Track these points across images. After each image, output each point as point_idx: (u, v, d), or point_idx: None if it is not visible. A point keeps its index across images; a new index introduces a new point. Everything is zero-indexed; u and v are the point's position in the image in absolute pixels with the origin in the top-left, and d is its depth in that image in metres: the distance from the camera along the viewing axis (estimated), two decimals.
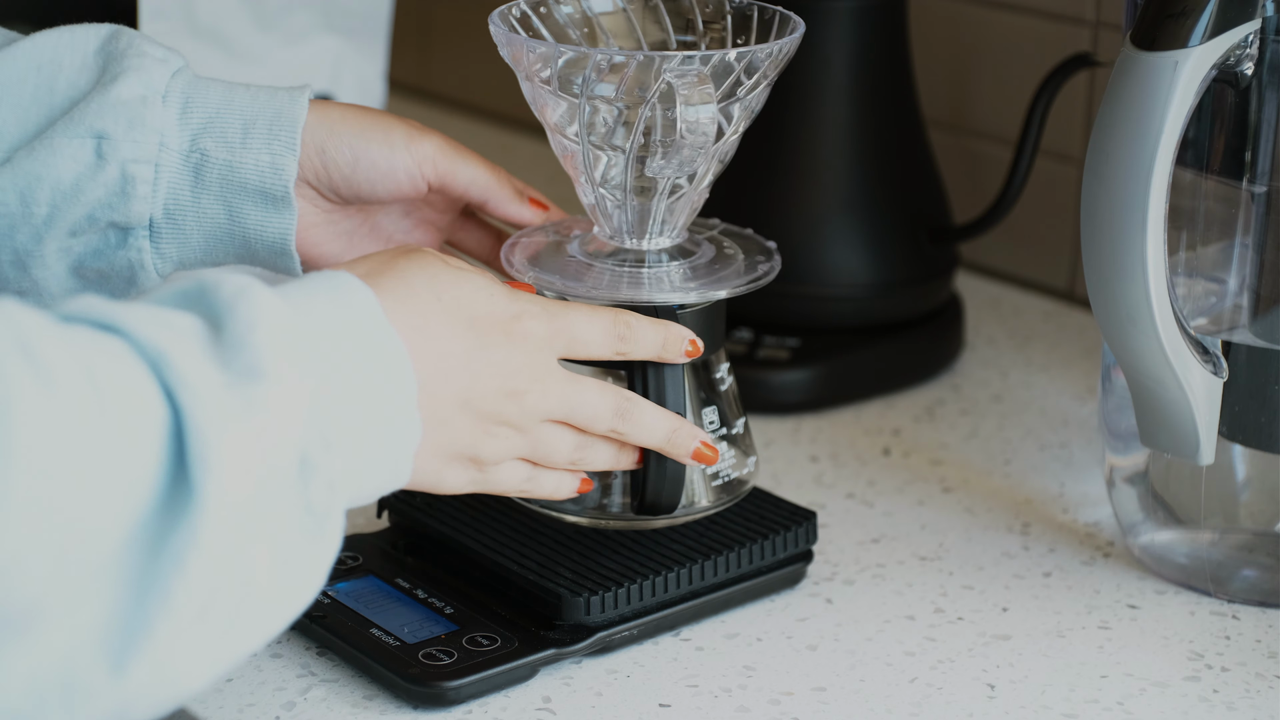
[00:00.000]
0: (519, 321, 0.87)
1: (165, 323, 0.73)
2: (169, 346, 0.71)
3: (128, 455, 0.69)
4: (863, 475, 1.18)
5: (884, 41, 1.29)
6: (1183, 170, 0.99)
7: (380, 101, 1.47)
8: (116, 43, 0.97)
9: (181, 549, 0.70)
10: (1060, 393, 1.29)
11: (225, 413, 0.71)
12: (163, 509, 0.70)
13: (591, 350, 0.91)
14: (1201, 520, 1.05)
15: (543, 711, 0.94)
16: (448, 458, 0.86)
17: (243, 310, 0.74)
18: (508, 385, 0.86)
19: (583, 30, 1.02)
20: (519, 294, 0.89)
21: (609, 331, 0.92)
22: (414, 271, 0.84)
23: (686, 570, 1.00)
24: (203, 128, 0.96)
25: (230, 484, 0.71)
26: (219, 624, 0.72)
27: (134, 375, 0.70)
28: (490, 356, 0.85)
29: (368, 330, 0.80)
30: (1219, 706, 0.95)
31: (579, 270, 0.98)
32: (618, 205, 0.99)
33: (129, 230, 0.96)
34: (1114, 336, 0.98)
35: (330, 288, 0.80)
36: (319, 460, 0.75)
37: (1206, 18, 0.93)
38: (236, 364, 0.73)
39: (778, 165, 1.28)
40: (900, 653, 0.99)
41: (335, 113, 0.98)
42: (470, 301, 0.85)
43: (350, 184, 0.99)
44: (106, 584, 0.69)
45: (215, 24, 1.42)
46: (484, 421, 0.86)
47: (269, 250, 0.98)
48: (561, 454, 0.91)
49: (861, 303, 1.29)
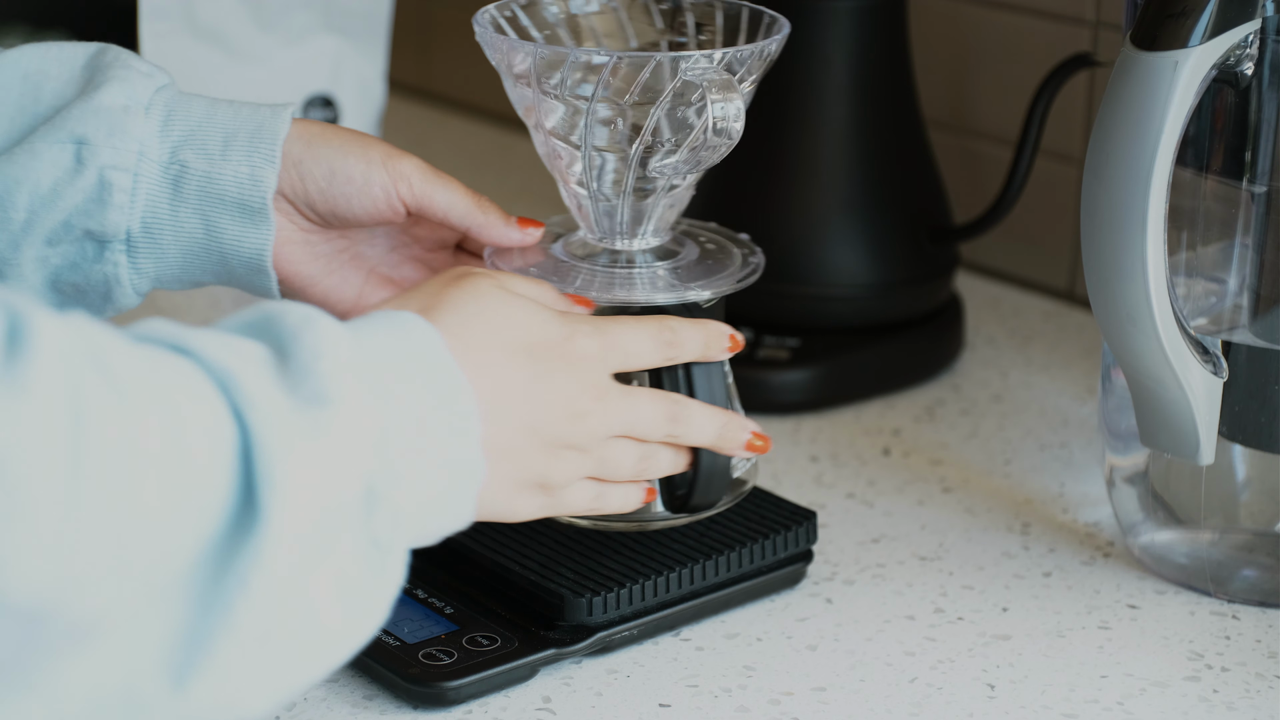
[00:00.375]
0: (572, 342, 0.87)
1: (233, 347, 0.73)
2: (237, 368, 0.72)
3: (198, 473, 0.69)
4: (863, 475, 1.18)
5: (884, 41, 1.29)
6: (1183, 170, 0.99)
7: (380, 101, 1.47)
8: (103, 57, 0.97)
9: (246, 569, 0.70)
10: (1060, 393, 1.29)
11: (292, 433, 0.72)
12: (231, 529, 0.70)
13: (643, 360, 0.91)
14: (1201, 520, 1.05)
15: (543, 711, 0.94)
16: (518, 487, 0.86)
17: (308, 339, 0.75)
18: (570, 408, 0.86)
19: (570, 30, 1.02)
20: (568, 315, 0.88)
21: (656, 338, 0.91)
22: (468, 302, 0.84)
23: (687, 570, 1.00)
24: (183, 140, 0.96)
25: (296, 505, 0.71)
26: (280, 650, 0.72)
27: (204, 394, 0.71)
28: (550, 382, 0.85)
29: (432, 368, 0.80)
30: (1219, 706, 0.95)
31: (564, 272, 0.98)
32: (608, 207, 0.99)
33: (106, 243, 0.96)
34: (1114, 336, 0.98)
35: (392, 324, 0.80)
36: (385, 492, 0.75)
37: (1206, 18, 0.93)
38: (303, 389, 0.73)
39: (778, 165, 1.28)
40: (900, 653, 0.99)
41: (315, 129, 0.98)
42: (525, 329, 0.85)
43: (326, 199, 0.98)
44: (173, 600, 0.69)
45: (215, 24, 1.42)
46: (550, 447, 0.86)
47: (246, 266, 0.98)
48: (626, 467, 0.91)
49: (861, 303, 1.29)
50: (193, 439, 0.69)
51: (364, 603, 0.75)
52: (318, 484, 0.72)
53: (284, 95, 1.44)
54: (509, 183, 1.63)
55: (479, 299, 0.84)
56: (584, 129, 0.96)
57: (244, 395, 0.71)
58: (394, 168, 0.98)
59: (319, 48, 1.45)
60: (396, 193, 0.98)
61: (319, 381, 0.74)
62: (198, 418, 0.70)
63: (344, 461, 0.73)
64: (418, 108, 1.84)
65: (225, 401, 0.71)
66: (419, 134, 1.78)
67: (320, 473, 0.72)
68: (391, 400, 0.77)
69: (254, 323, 0.77)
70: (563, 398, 0.86)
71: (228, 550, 0.70)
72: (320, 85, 1.45)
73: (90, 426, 0.66)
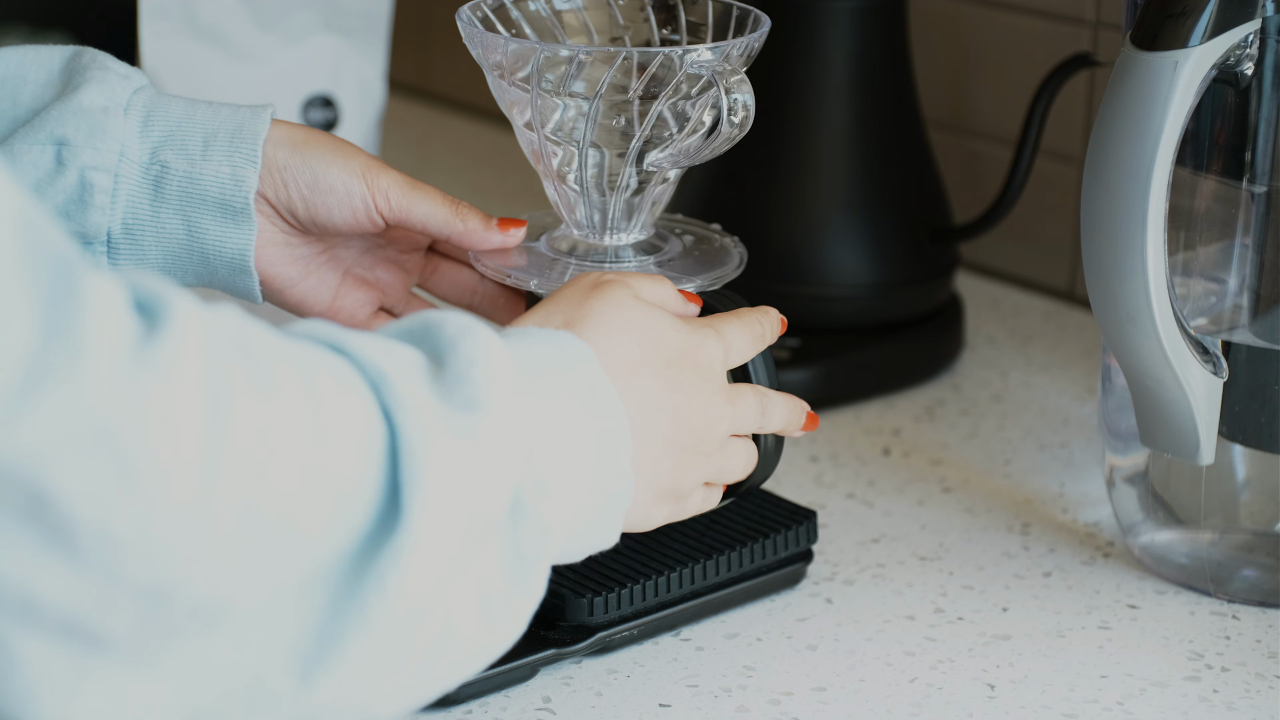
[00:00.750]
0: (702, 350, 0.88)
1: (388, 350, 0.74)
2: (390, 369, 0.72)
3: (343, 468, 0.69)
4: (863, 475, 1.18)
5: (884, 41, 1.29)
6: (1183, 170, 0.99)
7: (380, 101, 1.47)
8: (80, 59, 0.97)
9: (385, 569, 0.70)
10: (1060, 393, 1.29)
11: (440, 434, 0.71)
12: (374, 529, 0.70)
13: (745, 355, 0.92)
14: (1201, 520, 1.05)
15: (543, 711, 0.94)
16: (655, 499, 0.86)
17: (465, 347, 0.75)
18: (705, 416, 0.87)
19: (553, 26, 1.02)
20: (691, 320, 0.89)
21: (753, 331, 0.92)
22: (611, 315, 0.85)
23: (687, 570, 1.00)
24: (163, 141, 0.96)
25: (440, 508, 0.71)
26: (412, 653, 0.72)
27: (355, 392, 0.71)
28: (687, 393, 0.86)
29: (587, 385, 0.81)
30: (1219, 706, 0.95)
31: (549, 267, 0.99)
32: (600, 203, 0.99)
33: (86, 244, 0.96)
34: (1114, 336, 0.98)
35: (546, 339, 0.81)
36: (532, 504, 0.75)
37: (1206, 18, 0.93)
38: (456, 395, 0.73)
39: (778, 165, 1.28)
40: (900, 653, 0.99)
41: (299, 134, 0.98)
42: (663, 341, 0.86)
43: (308, 206, 0.98)
44: (308, 595, 0.69)
45: (215, 24, 1.42)
46: (685, 455, 0.87)
47: (228, 267, 0.98)
48: (740, 467, 0.92)
49: (861, 303, 1.29)
50: (338, 435, 0.69)
51: (502, 614, 0.75)
52: (464, 488, 0.72)
53: (284, 95, 1.44)
54: (509, 182, 1.63)
55: (621, 311, 0.85)
56: (575, 125, 0.96)
57: (395, 395, 0.71)
58: (373, 181, 0.98)
59: (319, 48, 1.45)
60: (375, 206, 0.98)
61: (472, 388, 0.74)
62: (345, 415, 0.70)
63: (492, 469, 0.73)
64: (418, 108, 1.84)
65: (376, 400, 0.71)
66: (419, 134, 1.78)
67: (467, 477, 0.72)
68: (545, 414, 0.77)
69: (413, 329, 0.77)
70: (697, 406, 0.87)
71: (369, 550, 0.70)
72: (320, 85, 1.45)
73: (229, 411, 0.65)
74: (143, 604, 0.65)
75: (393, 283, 1.04)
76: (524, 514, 0.75)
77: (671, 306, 0.90)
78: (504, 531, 0.74)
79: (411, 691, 0.73)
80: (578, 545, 0.82)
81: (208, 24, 1.42)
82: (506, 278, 0.98)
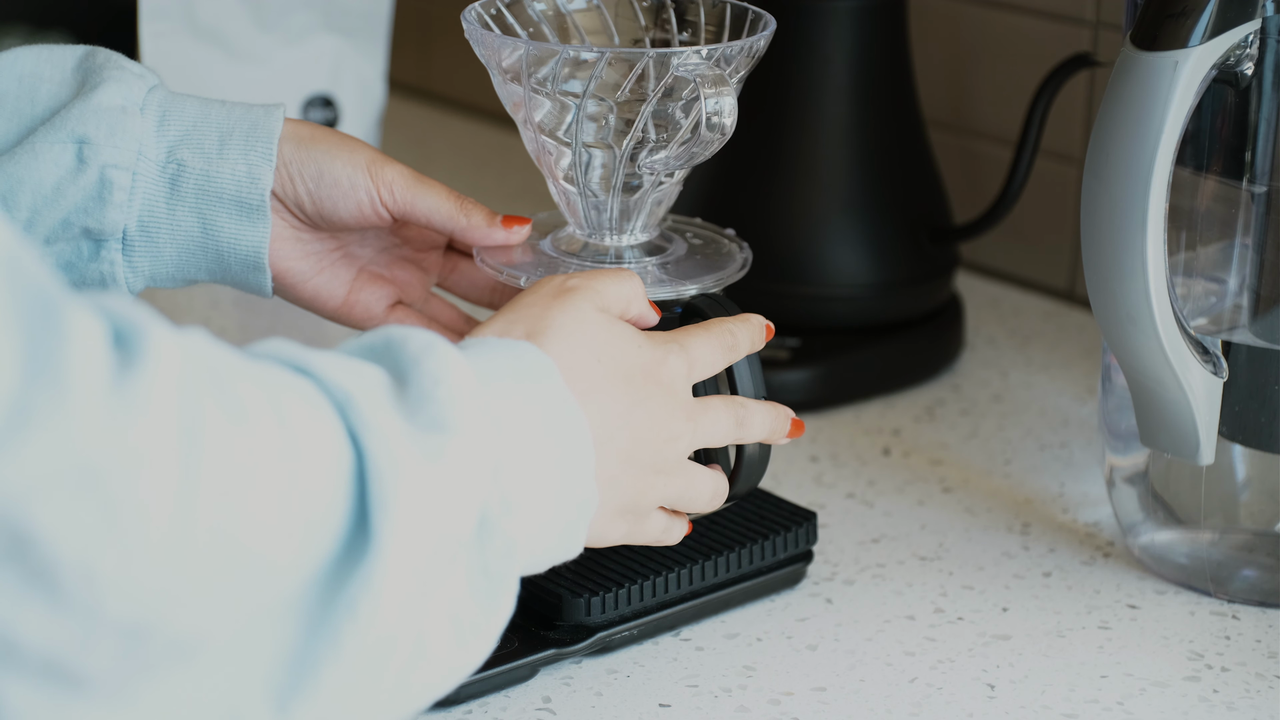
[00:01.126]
0: (664, 365, 0.87)
1: (352, 370, 0.73)
2: (355, 391, 0.72)
3: (311, 496, 0.69)
4: (863, 475, 1.18)
5: (884, 41, 1.29)
6: (1183, 170, 0.99)
7: (380, 101, 1.47)
8: (94, 59, 0.98)
9: (357, 596, 0.70)
10: (1060, 393, 1.29)
11: (408, 457, 0.71)
12: (343, 553, 0.70)
13: (713, 368, 0.91)
14: (1201, 520, 1.05)
15: (543, 711, 0.94)
16: (612, 516, 0.86)
17: (429, 365, 0.75)
18: (665, 433, 0.87)
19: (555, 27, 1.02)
20: (655, 337, 0.88)
21: (721, 344, 0.91)
22: (572, 328, 0.84)
23: (686, 570, 1.00)
24: (179, 139, 0.97)
25: (409, 531, 0.71)
26: (385, 677, 0.72)
27: (322, 415, 0.70)
28: (647, 408, 0.86)
29: (549, 399, 0.80)
30: (1219, 706, 0.95)
31: (554, 267, 0.99)
32: (596, 203, 0.99)
33: (102, 242, 0.96)
34: (1114, 336, 0.98)
35: (508, 352, 0.81)
36: (499, 522, 0.75)
37: (1206, 18, 0.93)
38: (421, 416, 0.73)
39: (778, 165, 1.28)
40: (900, 653, 0.99)
41: (305, 130, 0.99)
42: (623, 356, 0.86)
43: (314, 200, 0.98)
44: (281, 623, 0.69)
45: (215, 24, 1.42)
46: (644, 473, 0.86)
47: (242, 264, 0.98)
48: (704, 495, 0.91)
49: (861, 303, 1.29)
50: (308, 461, 0.69)
51: (473, 632, 0.75)
52: (432, 511, 0.72)
53: (284, 95, 1.44)
54: (509, 183, 1.63)
55: (582, 325, 0.85)
56: (573, 125, 0.96)
57: (361, 418, 0.71)
58: (378, 174, 0.98)
59: (319, 48, 1.45)
60: (380, 199, 0.98)
61: (437, 408, 0.74)
62: (314, 440, 0.69)
63: (459, 490, 0.73)
64: (418, 108, 1.84)
65: (342, 424, 0.71)
66: (419, 134, 1.78)
67: (435, 500, 0.72)
68: (509, 430, 0.77)
69: (374, 346, 0.77)
70: (657, 422, 0.86)
71: (339, 575, 0.70)
72: (320, 85, 1.45)
73: (204, 443, 0.65)
74: (123, 642, 0.65)
75: (410, 281, 1.04)
76: (491, 532, 0.75)
77: (635, 310, 0.90)
78: (471, 551, 0.75)
79: (386, 714, 0.73)
80: (542, 559, 0.81)
81: (208, 24, 1.42)
82: (499, 274, 0.99)
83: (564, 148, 0.98)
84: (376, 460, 0.71)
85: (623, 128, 0.96)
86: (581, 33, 1.02)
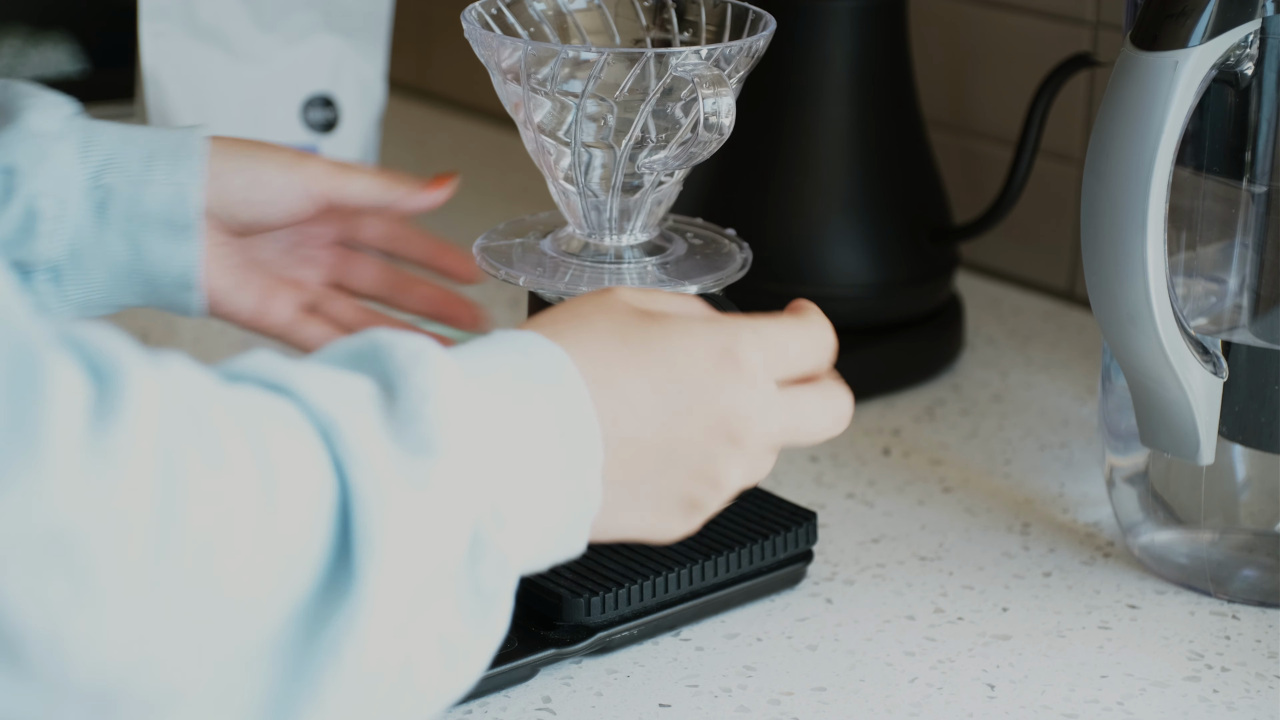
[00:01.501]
0: (730, 354, 0.78)
1: (338, 387, 0.69)
2: (340, 415, 0.68)
3: (291, 533, 0.65)
4: (863, 475, 1.18)
5: (884, 41, 1.29)
6: (1183, 170, 0.99)
7: (380, 101, 1.47)
8: (8, 90, 0.98)
9: (338, 637, 0.66)
10: (1060, 393, 1.29)
11: (394, 487, 0.67)
12: (324, 590, 0.66)
13: (806, 367, 0.82)
14: (1201, 520, 1.05)
15: (543, 711, 0.94)
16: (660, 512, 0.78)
17: (418, 378, 0.70)
18: (722, 429, 0.78)
19: (555, 26, 1.02)
20: (722, 322, 0.79)
21: (820, 341, 0.83)
22: (598, 317, 0.77)
23: (686, 570, 1.00)
24: (104, 164, 0.96)
25: (395, 565, 0.67)
26: (369, 712, 0.68)
27: (304, 445, 0.67)
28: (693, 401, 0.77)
29: (550, 395, 0.74)
30: (1219, 706, 0.95)
31: (554, 267, 0.99)
32: (596, 202, 0.99)
33: (30, 273, 0.96)
34: (1114, 336, 0.98)
35: (512, 346, 0.75)
36: (490, 538, 0.70)
37: (1206, 18, 0.93)
38: (409, 436, 0.69)
39: (778, 165, 1.28)
40: (900, 653, 0.99)
41: (224, 142, 0.99)
42: (662, 342, 0.77)
43: (249, 205, 0.98)
44: (260, 667, 0.65)
45: (215, 24, 1.42)
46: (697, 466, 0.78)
47: (174, 284, 0.98)
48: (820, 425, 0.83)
49: (861, 303, 1.29)
50: (287, 499, 0.65)
51: (464, 656, 0.71)
52: (420, 542, 0.68)
53: (284, 95, 1.44)
54: (509, 182, 1.63)
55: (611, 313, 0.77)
56: (573, 125, 0.96)
57: (346, 446, 0.67)
58: (304, 169, 1.00)
59: (319, 48, 1.45)
60: (311, 190, 0.99)
61: (425, 427, 0.69)
62: (294, 475, 0.66)
63: (449, 515, 0.69)
64: (418, 108, 1.84)
65: (326, 452, 0.67)
66: (419, 134, 1.78)
67: (423, 530, 0.68)
68: (505, 438, 0.72)
69: (361, 352, 0.72)
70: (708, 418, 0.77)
71: (320, 613, 0.66)
72: (320, 85, 1.45)
73: (182, 499, 0.62)
74: (92, 705, 0.62)
75: (312, 278, 1.05)
76: (483, 550, 0.70)
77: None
78: (463, 572, 0.70)
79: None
80: (539, 562, 0.75)
81: (208, 24, 1.42)
82: (497, 273, 0.99)
83: (564, 148, 0.98)
84: (362, 494, 0.67)
85: (622, 128, 0.96)
86: (582, 32, 1.02)
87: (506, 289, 1.38)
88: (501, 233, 1.04)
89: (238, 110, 1.43)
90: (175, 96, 1.42)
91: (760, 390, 0.79)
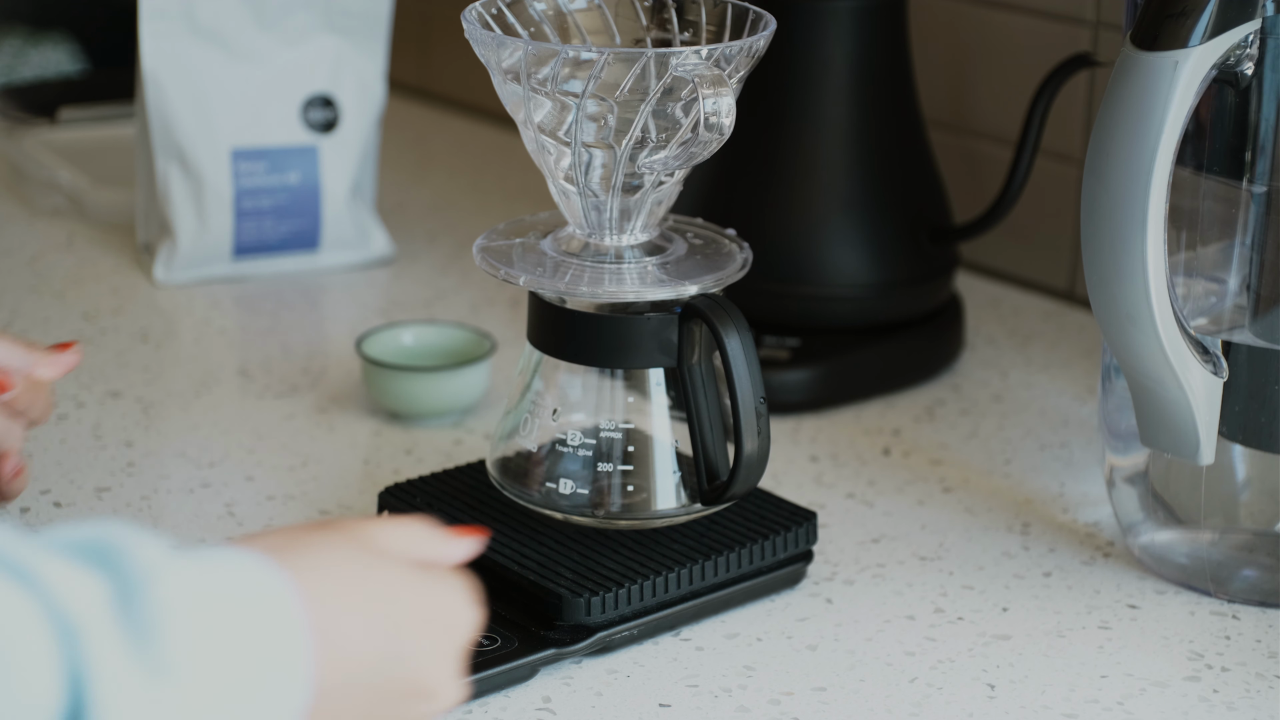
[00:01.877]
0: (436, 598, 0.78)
1: (77, 586, 0.67)
2: (85, 622, 0.66)
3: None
4: (863, 475, 1.18)
5: (884, 41, 1.29)
6: (1183, 170, 0.99)
7: (380, 101, 1.47)
8: None
9: None
10: (1060, 393, 1.29)
11: (135, 712, 0.65)
12: None
13: None
14: (1201, 520, 1.05)
15: (543, 711, 0.94)
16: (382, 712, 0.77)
17: (157, 592, 0.68)
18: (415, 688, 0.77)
19: (556, 26, 1.02)
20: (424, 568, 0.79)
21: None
22: (321, 548, 0.76)
23: (686, 570, 1.00)
24: None
25: None
26: None
27: (38, 653, 0.65)
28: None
29: (274, 627, 0.72)
30: (1219, 706, 0.95)
31: (554, 267, 0.99)
32: (596, 202, 0.99)
33: None
34: (1114, 336, 0.98)
35: (240, 571, 0.72)
36: None
37: (1206, 18, 0.93)
38: (147, 654, 0.67)
39: (778, 165, 1.28)
40: (900, 653, 0.99)
41: None
42: (381, 580, 0.76)
43: None
44: None
45: (215, 24, 1.42)
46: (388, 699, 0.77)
47: None
48: None
49: (861, 303, 1.29)
50: (12, 697, 0.63)
51: None
52: None
53: (284, 95, 1.44)
54: (509, 182, 1.63)
55: (333, 547, 0.76)
56: (573, 125, 0.96)
57: (89, 659, 0.65)
58: None
59: (319, 48, 1.45)
60: None
61: (162, 644, 0.67)
62: (21, 674, 0.64)
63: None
64: (418, 108, 1.84)
65: (62, 659, 0.65)
66: (419, 134, 1.78)
67: None
68: (228, 663, 0.69)
69: (95, 548, 0.69)
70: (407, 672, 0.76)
71: None
72: (320, 85, 1.45)
73: None
74: None
75: None
76: None
77: (418, 553, 0.80)
78: None
79: None
80: None
81: (208, 24, 1.42)
82: (497, 273, 0.99)
83: (564, 148, 0.98)
84: (101, 706, 0.64)
85: (623, 128, 0.96)
86: (583, 32, 1.02)
87: (506, 289, 1.38)
88: (501, 233, 1.04)
89: (238, 110, 1.43)
90: (175, 96, 1.42)
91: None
